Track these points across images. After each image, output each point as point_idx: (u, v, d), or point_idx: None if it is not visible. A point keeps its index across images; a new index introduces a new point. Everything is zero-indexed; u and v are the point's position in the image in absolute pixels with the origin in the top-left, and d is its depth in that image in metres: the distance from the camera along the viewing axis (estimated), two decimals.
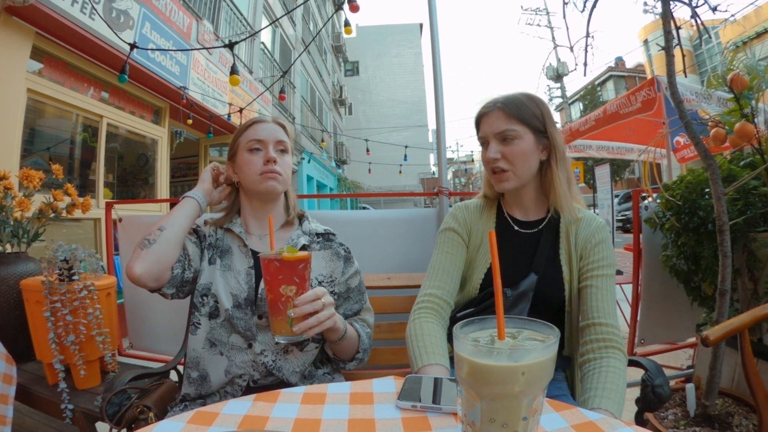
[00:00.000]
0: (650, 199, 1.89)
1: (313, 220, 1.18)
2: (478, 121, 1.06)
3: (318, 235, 1.12)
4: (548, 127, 1.02)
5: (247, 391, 0.97)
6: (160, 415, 0.97)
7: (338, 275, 1.08)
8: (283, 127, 1.14)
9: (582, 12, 1.56)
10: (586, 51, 1.64)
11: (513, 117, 1.00)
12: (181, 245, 1.00)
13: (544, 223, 1.06)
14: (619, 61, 25.58)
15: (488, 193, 1.13)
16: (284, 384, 0.97)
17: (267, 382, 0.99)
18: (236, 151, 1.10)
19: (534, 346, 0.46)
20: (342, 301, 1.09)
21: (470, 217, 1.10)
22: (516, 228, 1.07)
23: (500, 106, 1.01)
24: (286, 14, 3.44)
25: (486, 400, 0.45)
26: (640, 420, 1.04)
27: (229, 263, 1.04)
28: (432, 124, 26.01)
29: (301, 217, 1.16)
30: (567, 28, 1.82)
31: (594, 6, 1.53)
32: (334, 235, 1.14)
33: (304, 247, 1.07)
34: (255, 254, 1.04)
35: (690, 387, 1.44)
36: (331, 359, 1.07)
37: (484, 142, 1.05)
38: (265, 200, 1.09)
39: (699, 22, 1.43)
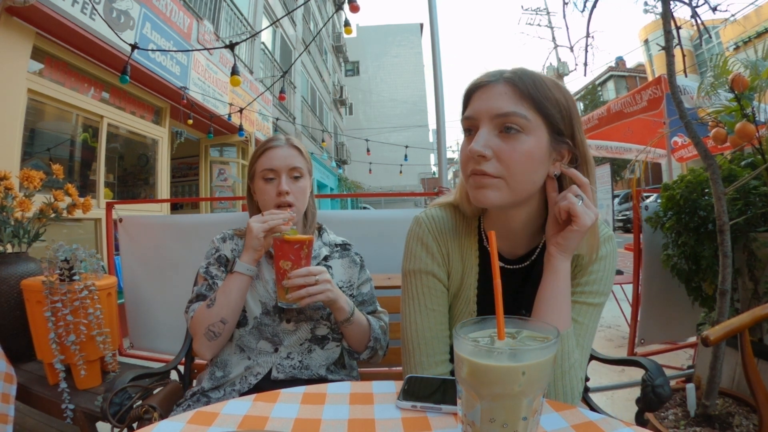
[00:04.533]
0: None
1: (330, 231, 1.24)
2: (470, 96, 0.72)
3: (337, 245, 1.19)
4: (576, 130, 0.70)
5: (256, 388, 0.99)
6: (165, 415, 0.98)
7: (355, 280, 1.15)
8: (298, 148, 1.13)
9: (582, 12, 1.56)
10: (587, 51, 1.64)
11: (526, 98, 0.66)
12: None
13: (536, 254, 0.78)
14: (620, 60, 25.57)
15: (464, 207, 0.79)
16: (299, 382, 1.00)
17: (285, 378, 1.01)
18: (253, 175, 1.13)
19: (534, 346, 0.46)
20: (356, 305, 1.12)
21: (446, 241, 0.81)
22: (501, 264, 0.78)
23: (509, 77, 0.68)
24: (286, 14, 3.44)
25: (486, 400, 0.45)
26: (640, 420, 1.04)
27: (257, 273, 1.08)
28: (432, 124, 26.02)
29: (320, 230, 1.22)
30: (567, 28, 1.82)
31: (594, 6, 1.53)
32: (350, 245, 1.21)
33: (326, 258, 1.14)
34: None
35: (690, 387, 1.44)
36: (346, 365, 1.12)
37: (471, 127, 0.70)
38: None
39: (699, 21, 1.43)
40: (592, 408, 1.03)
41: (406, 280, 0.82)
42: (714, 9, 1.48)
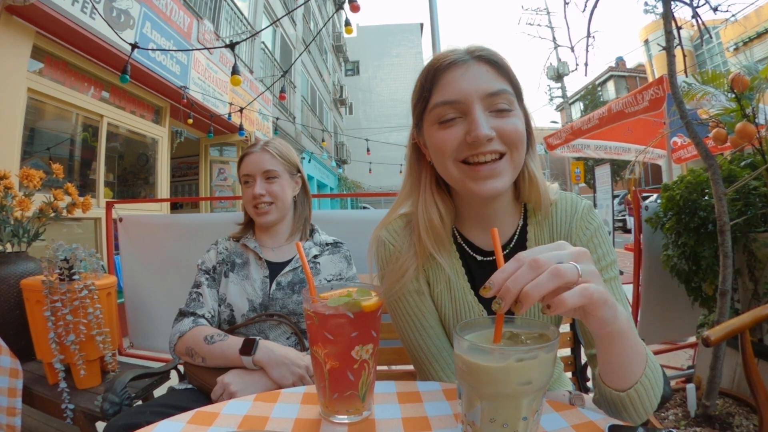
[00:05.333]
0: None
1: (323, 232, 1.28)
2: (438, 77, 0.67)
3: (327, 244, 1.23)
4: (522, 89, 0.70)
5: None
6: None
7: (344, 275, 1.19)
8: (271, 152, 1.20)
9: (583, 12, 1.56)
10: (587, 51, 1.64)
11: (503, 74, 0.66)
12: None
13: (516, 238, 0.75)
14: (620, 61, 25.57)
15: (430, 212, 0.74)
16: None
17: None
18: (240, 180, 1.23)
19: (534, 346, 0.46)
20: None
21: (417, 253, 0.76)
22: (480, 259, 0.76)
23: (483, 55, 0.66)
24: (286, 14, 3.44)
25: (486, 400, 0.45)
26: None
27: (246, 273, 1.16)
28: None
29: (312, 231, 1.27)
30: (568, 28, 1.82)
31: (595, 6, 1.53)
32: (341, 243, 1.25)
33: (315, 256, 1.18)
34: (269, 264, 1.18)
35: (690, 387, 1.44)
36: None
37: (456, 111, 0.65)
38: (268, 225, 1.21)
39: (700, 22, 1.43)
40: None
41: (393, 306, 0.77)
42: (715, 9, 1.48)
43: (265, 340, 0.98)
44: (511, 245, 0.75)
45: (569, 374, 1.18)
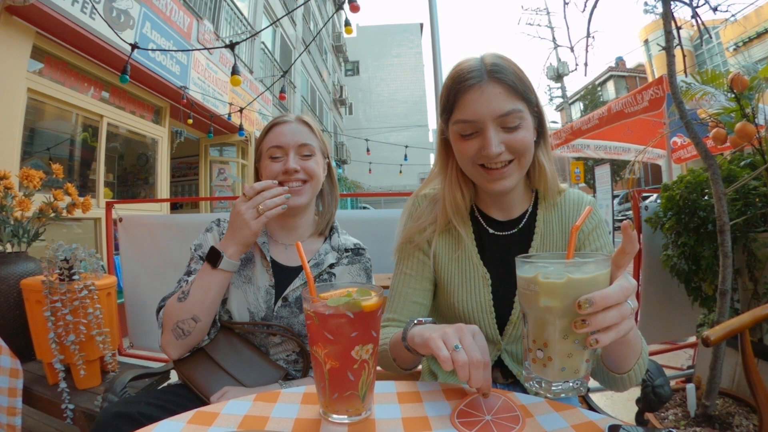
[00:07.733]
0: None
1: (344, 231, 1.12)
2: (458, 96, 0.77)
3: (347, 249, 1.06)
4: (537, 96, 0.80)
5: None
6: None
7: None
8: (309, 125, 1.05)
9: (583, 12, 1.56)
10: (587, 51, 1.64)
11: (515, 93, 0.75)
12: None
13: (525, 219, 0.88)
14: (620, 61, 25.59)
15: (456, 196, 0.87)
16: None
17: None
18: (260, 156, 1.04)
19: (591, 259, 0.50)
20: None
21: (437, 215, 0.90)
22: (491, 231, 0.88)
23: (498, 77, 0.74)
24: (286, 14, 3.44)
25: (558, 318, 0.49)
26: (640, 420, 1.04)
27: (249, 275, 0.99)
28: (432, 124, 26.09)
29: (332, 229, 1.09)
30: (568, 28, 1.82)
31: (595, 6, 1.53)
32: (363, 249, 1.08)
33: (331, 266, 1.03)
34: (277, 268, 1.01)
35: (690, 387, 1.44)
36: None
37: (473, 130, 0.77)
38: (293, 212, 1.02)
39: (700, 22, 1.43)
40: (592, 408, 1.03)
41: (400, 256, 0.92)
42: (715, 9, 1.48)
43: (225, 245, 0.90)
44: (521, 225, 0.87)
45: None
